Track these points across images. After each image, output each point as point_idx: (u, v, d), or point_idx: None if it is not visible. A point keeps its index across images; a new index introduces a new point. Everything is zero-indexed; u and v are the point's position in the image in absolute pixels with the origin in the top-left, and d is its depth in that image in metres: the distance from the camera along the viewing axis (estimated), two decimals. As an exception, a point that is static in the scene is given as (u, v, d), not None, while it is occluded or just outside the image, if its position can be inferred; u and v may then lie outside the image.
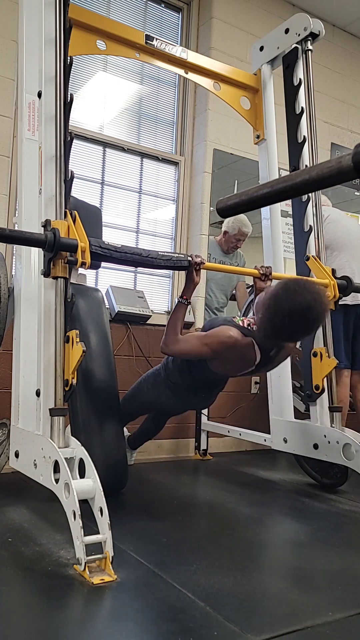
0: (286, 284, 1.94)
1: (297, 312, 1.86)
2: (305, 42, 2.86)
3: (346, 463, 2.44)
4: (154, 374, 2.47)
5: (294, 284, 1.93)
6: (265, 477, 2.96)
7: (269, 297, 1.95)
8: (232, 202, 1.09)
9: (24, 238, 1.85)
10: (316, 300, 1.87)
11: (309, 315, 1.88)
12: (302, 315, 1.88)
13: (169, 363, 2.36)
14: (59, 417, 1.80)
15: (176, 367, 2.32)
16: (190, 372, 2.28)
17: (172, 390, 2.35)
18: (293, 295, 1.87)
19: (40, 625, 1.28)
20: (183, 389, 2.34)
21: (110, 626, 1.30)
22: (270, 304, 1.93)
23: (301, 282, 1.95)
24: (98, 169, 3.50)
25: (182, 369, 2.30)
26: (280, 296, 1.90)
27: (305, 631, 1.31)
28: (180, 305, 2.22)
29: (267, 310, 1.94)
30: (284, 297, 1.89)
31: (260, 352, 2.12)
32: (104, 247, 1.97)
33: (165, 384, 2.37)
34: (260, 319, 1.99)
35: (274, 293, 1.94)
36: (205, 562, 1.68)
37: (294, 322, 1.89)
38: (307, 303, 1.86)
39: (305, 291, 1.88)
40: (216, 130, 3.75)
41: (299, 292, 1.87)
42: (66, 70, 2.06)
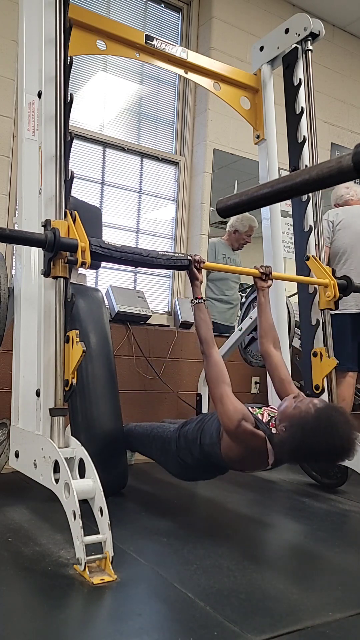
0: (319, 418, 1.71)
1: (321, 454, 1.70)
2: (305, 42, 2.86)
3: (346, 463, 2.43)
4: (163, 439, 2.30)
5: (326, 419, 1.69)
6: (265, 477, 2.96)
7: (297, 423, 1.73)
8: (232, 202, 1.09)
9: (24, 238, 1.84)
10: (344, 447, 1.68)
11: (333, 458, 1.77)
12: (326, 458, 1.75)
13: (181, 439, 2.19)
14: (59, 417, 1.80)
15: (188, 446, 2.14)
16: (202, 457, 2.11)
17: (178, 464, 2.23)
18: (322, 436, 1.67)
19: (40, 625, 1.28)
20: (190, 467, 2.20)
21: (110, 626, 1.30)
22: (295, 432, 1.72)
23: (334, 419, 1.70)
24: (98, 169, 3.50)
25: (194, 451, 2.12)
26: (309, 431, 1.69)
27: (305, 631, 1.31)
28: (197, 306, 2.13)
29: (290, 437, 1.73)
30: (312, 434, 1.68)
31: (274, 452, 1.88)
32: (104, 247, 1.97)
33: (173, 456, 2.24)
34: (281, 437, 1.78)
35: (303, 421, 1.72)
36: (205, 562, 1.68)
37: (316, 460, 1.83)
38: (334, 449, 1.68)
39: (337, 432, 1.66)
40: (216, 130, 3.75)
41: (329, 433, 1.66)
42: (66, 70, 2.06)
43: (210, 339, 2.06)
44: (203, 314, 2.12)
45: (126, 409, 2.57)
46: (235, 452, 1.92)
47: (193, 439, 2.11)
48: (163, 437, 2.31)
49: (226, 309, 3.79)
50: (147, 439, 2.40)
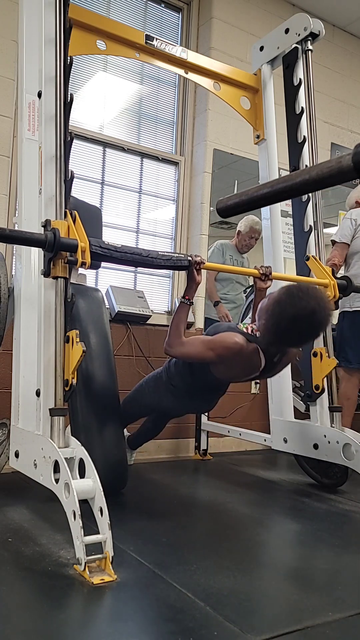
0: (289, 289, 1.92)
1: (301, 318, 1.85)
2: (305, 42, 2.86)
3: (346, 463, 2.44)
4: (155, 377, 2.45)
5: (297, 289, 1.91)
6: (265, 477, 2.96)
7: (272, 303, 1.93)
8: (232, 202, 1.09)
9: (24, 238, 1.85)
10: (320, 305, 1.86)
11: (313, 320, 1.87)
12: (307, 321, 1.87)
13: (171, 367, 2.34)
14: (59, 417, 1.80)
15: (178, 370, 2.30)
16: (192, 376, 2.25)
17: (173, 393, 2.34)
18: (297, 301, 1.86)
19: (40, 625, 1.28)
20: (184, 393, 2.32)
21: (110, 626, 1.30)
22: (273, 309, 1.91)
23: (304, 287, 1.93)
24: (98, 169, 3.50)
25: (184, 373, 2.27)
26: (284, 302, 1.89)
27: (305, 631, 1.31)
28: (182, 305, 2.20)
29: (270, 317, 1.92)
30: (288, 303, 1.87)
31: (264, 358, 2.09)
32: (104, 247, 1.97)
33: (166, 388, 2.35)
34: (263, 324, 1.97)
35: (277, 299, 1.92)
36: (205, 562, 1.68)
37: (298, 327, 1.89)
38: (311, 308, 1.85)
39: (309, 296, 1.86)
40: (216, 130, 3.75)
41: (302, 298, 1.86)
42: (66, 70, 2.06)
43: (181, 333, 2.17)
44: (185, 315, 2.20)
45: (126, 409, 2.56)
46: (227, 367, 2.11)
47: (182, 364, 2.26)
48: (153, 376, 2.46)
49: (229, 309, 3.80)
50: (139, 389, 2.51)
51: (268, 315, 1.93)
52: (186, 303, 2.20)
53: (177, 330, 2.16)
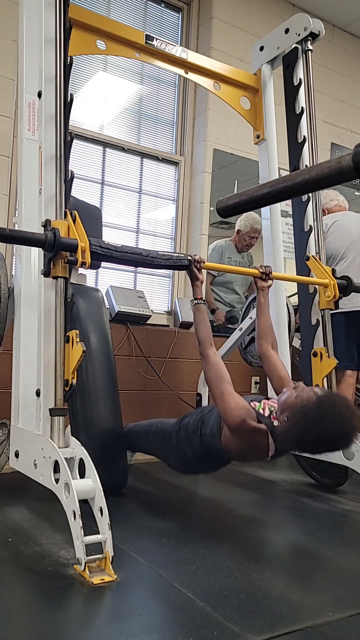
0: (321, 404, 1.70)
1: (325, 441, 1.70)
2: (305, 42, 2.85)
3: (346, 463, 2.43)
4: (163, 433, 2.30)
5: (328, 406, 1.69)
6: (265, 477, 2.96)
7: (299, 411, 1.72)
8: (232, 202, 1.09)
9: (24, 238, 1.84)
10: (348, 432, 1.68)
11: (337, 445, 1.75)
12: (331, 444, 1.74)
13: (181, 431, 2.19)
14: (59, 417, 1.80)
15: (188, 438, 2.15)
16: (202, 448, 2.11)
17: (180, 457, 2.23)
18: (325, 423, 1.66)
19: (40, 625, 1.28)
20: (191, 460, 2.20)
21: (110, 626, 1.30)
22: (298, 421, 1.71)
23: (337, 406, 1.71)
24: (98, 169, 3.50)
25: (194, 443, 2.13)
26: (312, 418, 1.68)
27: (305, 631, 1.31)
28: (197, 307, 2.14)
29: (293, 426, 1.73)
30: (315, 421, 1.67)
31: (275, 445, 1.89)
32: (104, 246, 1.97)
33: (173, 450, 2.24)
34: (284, 427, 1.79)
35: (305, 409, 1.71)
36: (205, 562, 1.68)
37: (320, 447, 1.76)
38: (338, 434, 1.68)
39: (339, 419, 1.67)
40: (216, 130, 3.75)
41: (332, 419, 1.66)
42: (66, 70, 2.06)
43: (208, 339, 2.06)
44: (202, 315, 2.12)
45: (126, 409, 2.57)
46: (236, 445, 1.93)
47: (193, 430, 2.11)
48: (163, 431, 2.31)
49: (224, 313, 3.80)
50: (147, 435, 2.40)
51: (291, 423, 1.74)
52: (199, 303, 2.15)
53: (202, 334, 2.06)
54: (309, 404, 1.71)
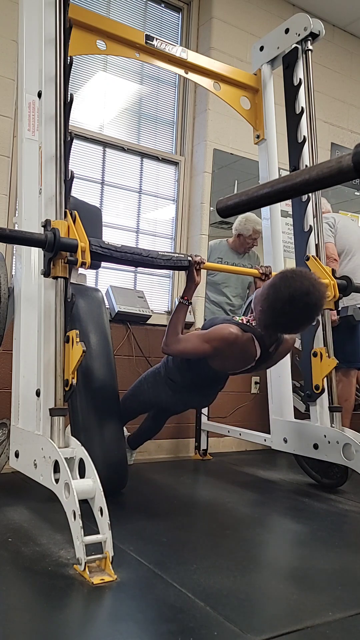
0: (283, 273, 1.97)
1: (296, 298, 1.88)
2: (305, 42, 2.86)
3: (346, 463, 2.44)
4: (153, 372, 2.47)
5: (290, 272, 1.96)
6: (265, 477, 2.96)
7: (267, 287, 1.98)
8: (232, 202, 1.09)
9: (24, 238, 1.85)
10: (314, 285, 1.90)
11: (308, 300, 1.89)
12: (302, 301, 1.89)
13: (169, 361, 2.36)
14: (59, 417, 1.80)
15: (176, 365, 2.32)
16: (190, 370, 2.27)
17: (172, 388, 2.35)
18: (291, 282, 1.89)
19: (40, 625, 1.28)
20: (183, 387, 2.34)
21: (110, 626, 1.30)
22: (269, 292, 1.95)
23: (297, 270, 1.98)
24: (98, 169, 3.50)
25: (182, 367, 2.30)
26: (278, 284, 1.92)
27: (305, 631, 1.31)
28: (181, 305, 2.22)
29: (266, 300, 1.95)
30: (283, 285, 1.91)
31: (260, 348, 2.13)
32: (104, 247, 1.97)
33: (165, 383, 2.37)
34: (259, 311, 2.01)
35: (271, 283, 1.97)
36: (205, 562, 1.68)
37: (294, 308, 1.90)
38: (305, 288, 1.88)
39: (303, 278, 1.91)
40: (216, 130, 3.75)
41: (296, 279, 1.90)
42: (66, 70, 2.06)
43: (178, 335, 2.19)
44: (183, 316, 2.22)
45: (126, 409, 2.56)
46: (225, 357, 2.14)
47: (180, 359, 2.28)
48: (151, 371, 2.49)
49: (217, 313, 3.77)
50: (138, 386, 2.53)
51: (263, 300, 1.97)
52: (185, 304, 2.22)
53: (174, 330, 2.18)
54: (274, 279, 1.97)
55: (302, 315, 1.95)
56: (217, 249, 3.73)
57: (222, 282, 3.73)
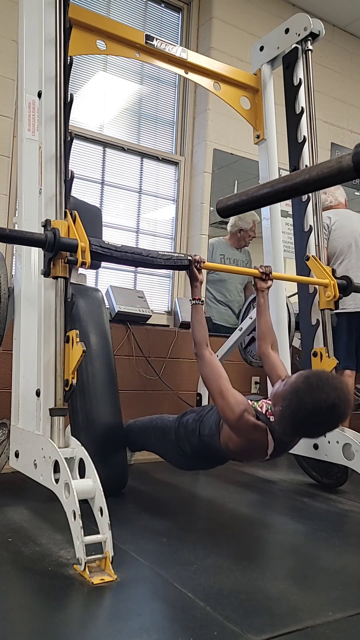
0: (308, 379, 1.77)
1: (321, 411, 1.71)
2: (305, 42, 2.85)
3: (346, 463, 2.43)
4: (163, 429, 2.33)
5: (316, 378, 1.76)
6: (265, 477, 2.96)
7: (289, 392, 1.77)
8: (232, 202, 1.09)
9: (24, 238, 1.84)
10: (340, 398, 1.73)
11: (332, 414, 1.74)
12: (326, 415, 1.73)
13: (180, 428, 2.22)
14: (59, 417, 1.80)
15: (187, 436, 2.18)
16: (200, 446, 2.14)
17: (178, 453, 2.27)
18: (317, 393, 1.71)
19: (40, 625, 1.28)
20: (190, 457, 2.24)
21: (110, 626, 1.30)
22: (291, 399, 1.75)
23: (324, 377, 1.78)
24: (98, 169, 3.50)
25: (193, 441, 2.16)
26: (302, 392, 1.74)
27: (305, 631, 1.31)
28: (195, 307, 2.15)
29: (287, 407, 1.76)
30: (307, 394, 1.72)
31: (274, 443, 1.93)
32: (104, 246, 1.97)
33: (173, 446, 2.27)
34: (280, 413, 1.81)
35: (294, 388, 1.76)
36: (205, 562, 1.68)
37: (317, 420, 1.75)
38: (331, 401, 1.71)
39: (329, 387, 1.73)
40: (216, 130, 3.75)
41: (322, 389, 1.72)
42: (66, 70, 2.06)
43: (204, 340, 2.09)
44: (199, 316, 2.15)
45: (126, 409, 2.57)
46: (235, 443, 1.95)
47: (192, 429, 2.14)
48: (162, 427, 2.34)
49: (223, 311, 3.79)
50: (147, 431, 2.43)
51: (285, 405, 1.77)
52: (197, 304, 2.16)
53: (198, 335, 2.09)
54: (298, 383, 1.76)
55: (323, 427, 1.83)
56: (218, 247, 3.76)
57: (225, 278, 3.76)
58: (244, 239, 3.76)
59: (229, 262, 3.76)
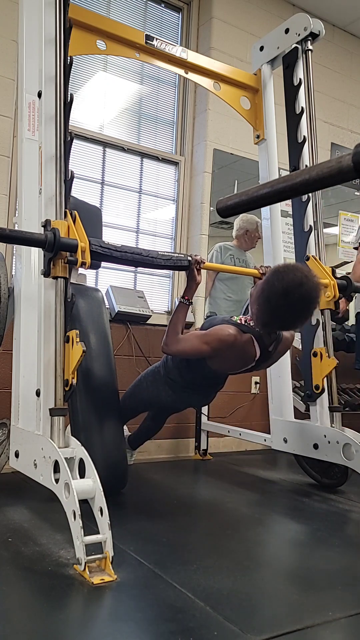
0: (275, 268, 1.99)
1: (290, 290, 1.88)
2: (305, 42, 2.85)
3: (346, 463, 2.44)
4: (153, 371, 2.47)
5: (282, 266, 1.99)
6: (265, 477, 2.96)
7: (261, 284, 2.00)
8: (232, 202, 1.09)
9: (24, 238, 1.85)
10: (307, 276, 1.91)
11: (302, 291, 1.89)
12: (297, 293, 1.89)
13: (168, 361, 2.37)
14: (59, 417, 1.80)
15: (175, 365, 2.32)
16: (190, 370, 2.28)
17: (171, 387, 2.35)
18: (284, 275, 1.91)
19: (40, 625, 1.28)
20: (182, 387, 2.34)
21: (110, 626, 1.30)
22: (263, 289, 1.96)
23: (289, 264, 2.01)
24: (98, 169, 3.50)
25: (181, 367, 2.30)
26: (272, 279, 1.94)
27: (305, 631, 1.31)
28: (181, 305, 2.21)
29: (261, 297, 1.96)
30: (276, 279, 1.92)
31: (259, 347, 2.13)
32: (104, 246, 1.97)
33: (164, 382, 2.37)
34: (256, 309, 2.01)
35: (265, 279, 1.98)
36: (205, 562, 1.68)
37: (290, 301, 1.90)
38: (298, 279, 1.89)
39: (295, 270, 1.93)
40: (216, 130, 3.75)
41: (289, 272, 1.92)
42: (66, 70, 2.06)
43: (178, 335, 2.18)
44: (183, 315, 2.21)
45: (126, 409, 2.56)
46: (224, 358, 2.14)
47: (179, 359, 2.29)
48: (150, 370, 2.49)
49: (234, 309, 3.79)
50: (138, 387, 2.53)
51: (258, 297, 1.98)
52: (185, 303, 2.22)
53: (174, 329, 2.17)
54: (268, 276, 1.97)
55: (298, 308, 1.94)
56: (227, 248, 3.77)
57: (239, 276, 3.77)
58: (251, 240, 3.77)
59: (239, 262, 3.77)
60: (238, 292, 3.81)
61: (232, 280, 3.78)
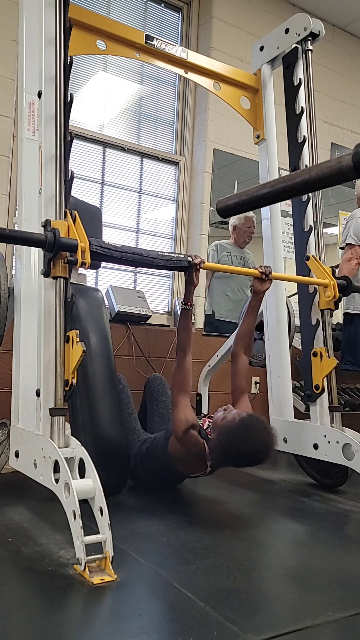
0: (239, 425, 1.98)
1: (244, 456, 1.97)
2: (305, 42, 2.85)
3: (346, 463, 2.43)
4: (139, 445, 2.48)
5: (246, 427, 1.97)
6: (265, 477, 2.96)
7: (224, 431, 2.00)
8: (232, 202, 1.09)
9: (24, 238, 1.84)
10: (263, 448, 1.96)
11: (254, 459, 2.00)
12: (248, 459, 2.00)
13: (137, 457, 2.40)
14: (59, 417, 1.80)
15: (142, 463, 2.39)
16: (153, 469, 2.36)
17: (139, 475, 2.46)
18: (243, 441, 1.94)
19: (40, 625, 1.28)
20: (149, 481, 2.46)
21: (110, 626, 1.30)
22: (222, 439, 1.98)
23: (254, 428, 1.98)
24: (98, 169, 3.50)
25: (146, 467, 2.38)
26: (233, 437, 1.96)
27: (305, 631, 1.30)
28: (184, 311, 2.20)
29: (219, 443, 1.99)
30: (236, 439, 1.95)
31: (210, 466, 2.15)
32: (104, 246, 1.97)
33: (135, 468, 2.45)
34: (213, 444, 2.03)
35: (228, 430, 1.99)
36: (205, 562, 1.68)
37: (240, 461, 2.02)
38: (255, 449, 1.95)
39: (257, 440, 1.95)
40: (216, 130, 3.75)
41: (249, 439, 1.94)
42: (66, 70, 2.06)
43: (188, 345, 2.19)
44: (187, 321, 2.20)
45: (126, 409, 2.56)
46: (180, 454, 2.17)
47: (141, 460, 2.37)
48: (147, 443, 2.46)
49: (231, 308, 3.79)
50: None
51: (218, 440, 2.00)
52: (188, 309, 2.20)
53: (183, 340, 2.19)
54: (232, 425, 2.00)
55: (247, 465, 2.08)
56: (224, 246, 3.78)
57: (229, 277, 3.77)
58: (241, 235, 3.78)
59: (236, 259, 3.78)
60: (236, 290, 3.82)
61: (230, 279, 3.79)
